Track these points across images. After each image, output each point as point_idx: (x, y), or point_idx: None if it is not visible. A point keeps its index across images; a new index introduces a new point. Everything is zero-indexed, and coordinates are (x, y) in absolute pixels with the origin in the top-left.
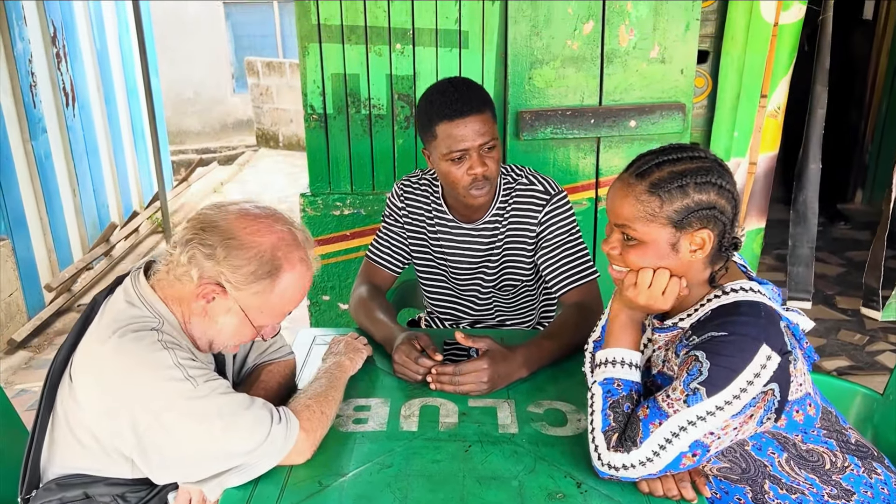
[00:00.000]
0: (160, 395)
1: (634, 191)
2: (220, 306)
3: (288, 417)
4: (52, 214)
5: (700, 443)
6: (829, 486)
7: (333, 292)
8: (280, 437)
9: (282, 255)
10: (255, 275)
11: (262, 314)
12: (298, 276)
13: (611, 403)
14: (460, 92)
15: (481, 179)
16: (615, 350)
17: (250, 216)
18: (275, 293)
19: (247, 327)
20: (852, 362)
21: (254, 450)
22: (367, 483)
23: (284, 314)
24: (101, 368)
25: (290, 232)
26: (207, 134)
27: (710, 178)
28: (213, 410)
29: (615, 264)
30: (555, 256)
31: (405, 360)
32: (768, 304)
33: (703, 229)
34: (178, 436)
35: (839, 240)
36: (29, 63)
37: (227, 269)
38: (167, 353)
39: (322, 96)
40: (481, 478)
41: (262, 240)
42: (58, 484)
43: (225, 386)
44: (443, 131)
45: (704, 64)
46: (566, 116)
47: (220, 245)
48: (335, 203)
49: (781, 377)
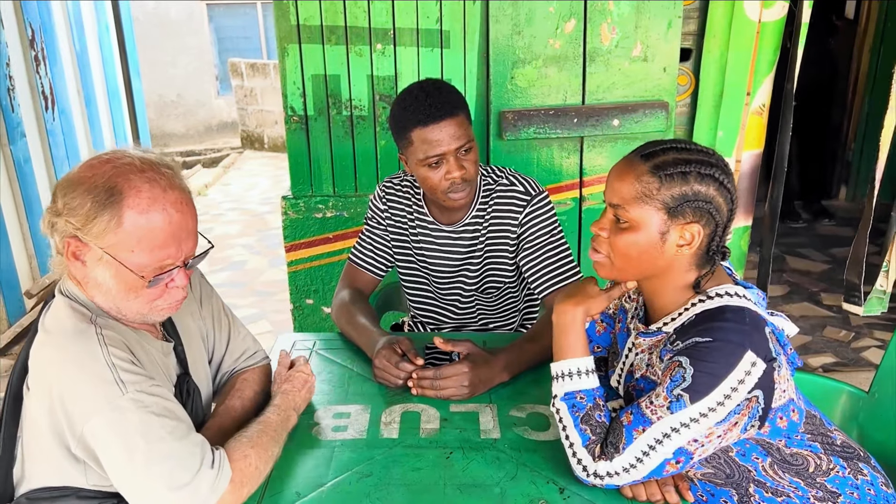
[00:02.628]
0: (90, 392)
1: (637, 170)
2: (92, 262)
3: (221, 464)
4: (33, 220)
5: (684, 450)
6: (814, 489)
7: (317, 296)
8: (206, 484)
9: (120, 180)
10: (94, 209)
11: (132, 253)
12: (148, 198)
13: (581, 417)
14: (433, 97)
15: (460, 182)
16: (567, 362)
17: (93, 160)
18: (127, 222)
19: (127, 275)
20: (838, 359)
21: (173, 492)
22: (346, 493)
23: (158, 247)
24: (42, 368)
25: (134, 159)
26: (191, 136)
27: (713, 172)
28: (137, 429)
29: (598, 248)
30: (537, 257)
31: (385, 364)
32: (753, 309)
33: (695, 223)
34: (104, 442)
35: (823, 236)
36: (6, 66)
37: (71, 218)
38: (101, 349)
39: (303, 98)
40: (462, 485)
41: (96, 172)
42: (27, 498)
43: (162, 406)
44: (417, 137)
45: (687, 62)
46: (549, 116)
47: (59, 196)
48: (317, 206)
49: (766, 384)
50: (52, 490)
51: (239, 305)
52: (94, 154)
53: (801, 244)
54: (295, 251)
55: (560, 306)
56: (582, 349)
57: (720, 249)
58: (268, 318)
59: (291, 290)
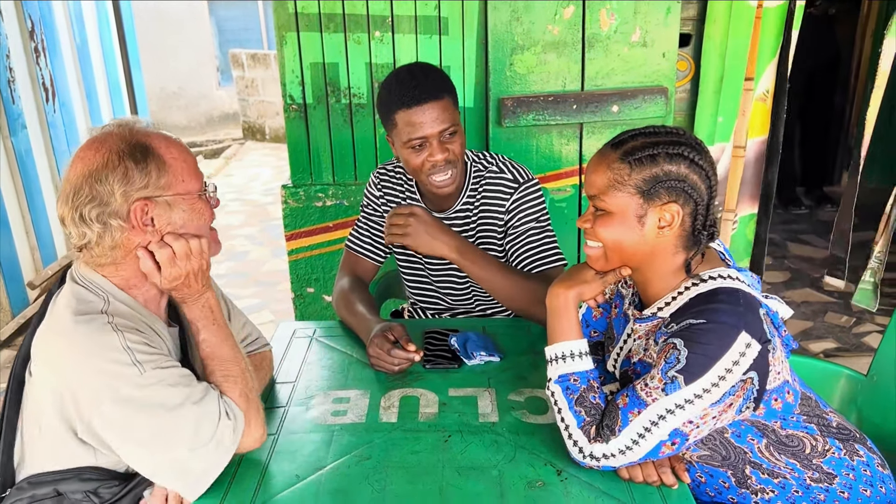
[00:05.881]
0: (104, 379)
1: (608, 159)
2: (163, 214)
3: (233, 411)
4: (35, 212)
5: (679, 431)
6: (810, 471)
7: (318, 284)
8: (228, 434)
9: (137, 137)
10: (140, 167)
11: (184, 182)
12: (165, 139)
13: (576, 399)
14: (418, 79)
15: (442, 164)
16: (561, 345)
17: (88, 149)
18: (168, 160)
19: (194, 202)
20: (839, 344)
21: (199, 448)
22: (344, 476)
23: (195, 170)
24: (51, 355)
25: (118, 126)
26: (193, 128)
27: (682, 151)
28: (158, 401)
29: (588, 239)
30: (522, 243)
31: (378, 352)
32: (747, 291)
33: (673, 203)
34: (120, 423)
35: (825, 222)
36: (7, 58)
37: (127, 187)
38: (116, 335)
39: (301, 86)
40: (461, 468)
41: (110, 147)
42: (29, 482)
43: (177, 376)
44: (401, 119)
45: (687, 47)
46: (548, 102)
47: (92, 187)
48: (317, 194)
49: (760, 365)
50: (55, 473)
51: (241, 296)
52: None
53: (803, 230)
54: (295, 240)
55: (554, 290)
56: (576, 332)
57: (707, 228)
58: (270, 308)
59: (292, 279)
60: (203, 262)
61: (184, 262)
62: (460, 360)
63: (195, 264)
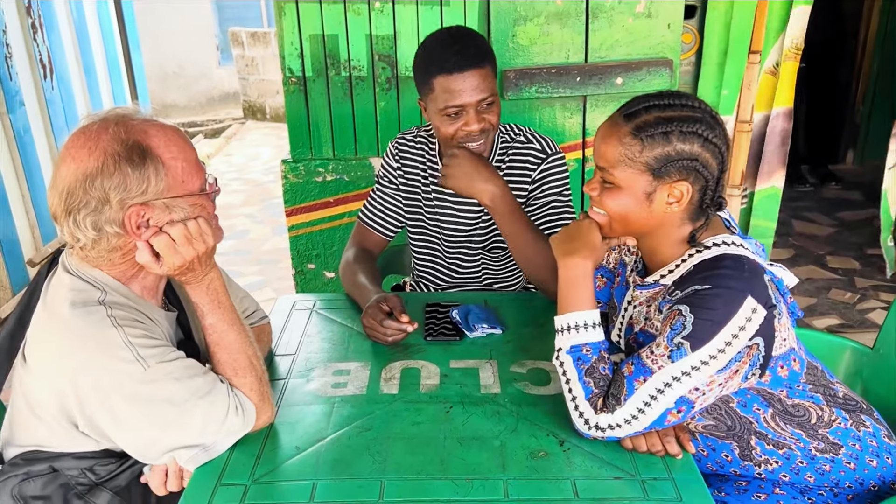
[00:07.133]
0: (107, 376)
1: (619, 132)
2: (161, 214)
3: (243, 405)
4: (34, 189)
5: (685, 399)
6: (816, 441)
7: (318, 260)
8: (237, 426)
9: (132, 135)
10: (138, 171)
11: (184, 183)
12: (162, 133)
13: (586, 370)
14: (460, 44)
15: (477, 134)
16: (573, 315)
17: (78, 148)
18: (167, 161)
19: (193, 200)
20: (843, 320)
21: (208, 435)
22: (345, 447)
23: (196, 164)
24: (50, 349)
25: (108, 119)
26: (193, 108)
27: (697, 129)
28: (164, 396)
29: (594, 206)
30: (541, 214)
31: (371, 322)
32: (751, 257)
33: (683, 181)
34: (125, 419)
35: (830, 200)
36: (3, 34)
37: (123, 194)
38: (117, 331)
39: (300, 59)
40: (462, 439)
41: (104, 147)
42: (23, 458)
43: (183, 368)
44: (440, 85)
45: (692, 19)
46: (551, 75)
47: (85, 191)
48: (317, 169)
49: (766, 331)
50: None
51: (243, 274)
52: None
53: (808, 208)
54: (295, 216)
55: (569, 260)
56: (589, 302)
57: (715, 201)
58: (271, 286)
59: (293, 256)
60: (205, 245)
61: (185, 248)
62: (462, 333)
63: (199, 247)
